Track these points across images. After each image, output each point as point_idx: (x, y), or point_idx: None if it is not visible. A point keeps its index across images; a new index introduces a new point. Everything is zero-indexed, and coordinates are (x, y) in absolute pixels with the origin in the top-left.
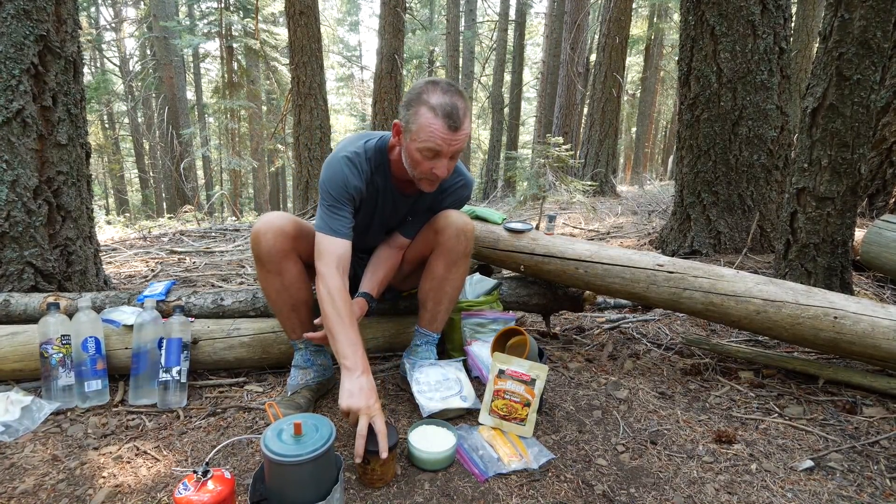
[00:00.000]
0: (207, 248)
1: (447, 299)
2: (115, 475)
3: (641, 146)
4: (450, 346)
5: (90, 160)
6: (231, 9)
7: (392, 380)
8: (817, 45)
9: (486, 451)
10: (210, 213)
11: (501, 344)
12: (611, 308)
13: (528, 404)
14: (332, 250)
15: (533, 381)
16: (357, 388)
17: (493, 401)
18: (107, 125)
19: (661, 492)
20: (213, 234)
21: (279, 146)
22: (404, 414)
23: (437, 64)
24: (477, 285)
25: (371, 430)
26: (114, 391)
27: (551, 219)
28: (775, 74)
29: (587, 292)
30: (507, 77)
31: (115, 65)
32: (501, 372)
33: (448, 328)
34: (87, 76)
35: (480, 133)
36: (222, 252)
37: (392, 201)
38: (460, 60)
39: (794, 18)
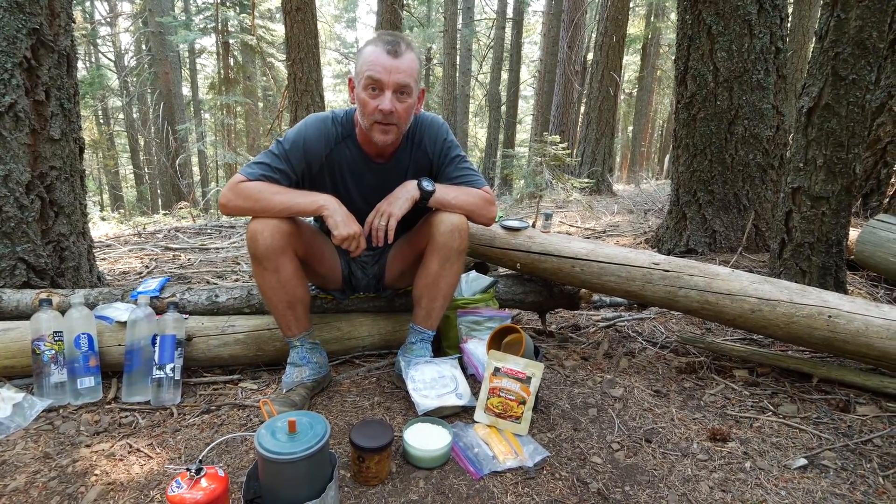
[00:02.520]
0: (202, 244)
1: (442, 296)
2: (107, 473)
3: (638, 145)
4: (445, 344)
5: (84, 155)
6: (227, 4)
7: (387, 377)
8: (813, 44)
9: (482, 448)
10: (205, 210)
11: (497, 342)
12: (606, 306)
13: (523, 402)
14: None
15: (528, 379)
16: (346, 216)
17: (488, 398)
18: (102, 121)
19: (656, 489)
20: (209, 230)
21: None
22: (399, 412)
23: (435, 61)
24: (473, 283)
25: (364, 427)
26: (107, 388)
27: (548, 217)
28: (771, 74)
29: (583, 290)
30: (505, 75)
31: (110, 60)
32: (497, 370)
33: (444, 325)
34: (82, 71)
35: (477, 131)
36: (217, 249)
37: (367, 170)
38: (458, 58)
39: (790, 18)
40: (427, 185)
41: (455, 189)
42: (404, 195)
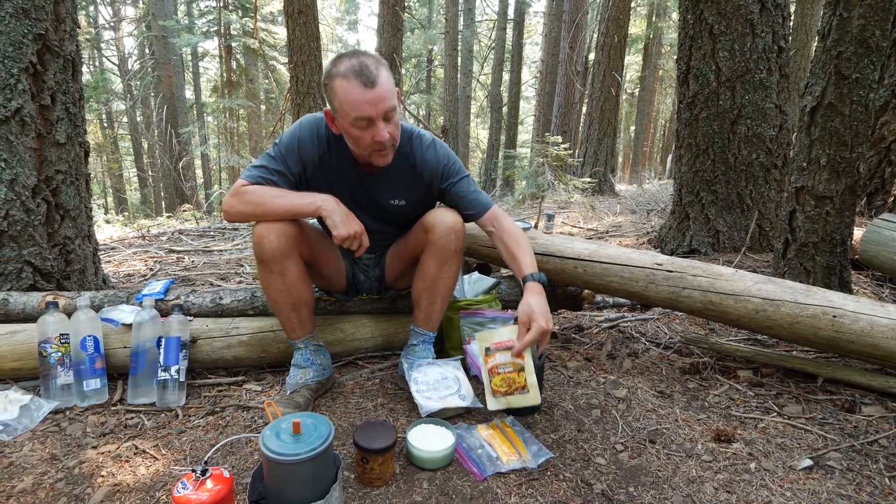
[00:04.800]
0: (206, 246)
1: (441, 298)
2: (113, 474)
3: (640, 145)
4: (448, 345)
5: (89, 159)
6: (230, 8)
7: (390, 379)
8: (816, 43)
9: (485, 449)
10: (209, 212)
11: None
12: (609, 307)
13: (522, 369)
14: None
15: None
16: (345, 215)
17: (491, 381)
18: (105, 124)
19: (660, 491)
20: (212, 232)
21: None
22: (403, 413)
23: (436, 63)
24: (476, 284)
25: (367, 428)
26: (112, 390)
27: (550, 217)
28: (774, 73)
29: (586, 291)
30: (506, 76)
31: (113, 64)
32: (488, 349)
33: (447, 327)
34: (86, 75)
35: (479, 132)
36: (221, 251)
37: (356, 177)
38: (459, 59)
39: (792, 17)
40: (541, 277)
41: (528, 250)
42: (545, 302)
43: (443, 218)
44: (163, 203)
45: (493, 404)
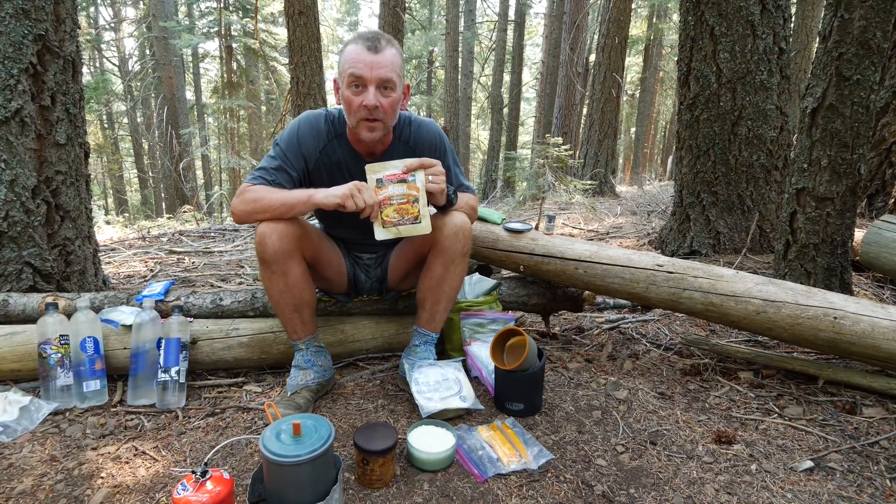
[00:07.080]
0: (206, 248)
1: (445, 299)
2: (113, 475)
3: (641, 146)
4: (449, 347)
5: (89, 160)
6: (230, 9)
7: (391, 380)
8: (817, 45)
9: (486, 451)
10: (209, 213)
11: (501, 344)
12: (610, 308)
13: (416, 200)
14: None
15: (413, 178)
16: (337, 188)
17: (382, 212)
18: (106, 125)
19: (661, 492)
20: (213, 234)
21: None
22: (403, 414)
23: (437, 64)
24: (476, 285)
25: (368, 430)
26: (112, 391)
27: (550, 219)
28: (775, 74)
29: (586, 292)
30: (507, 77)
31: (114, 65)
32: (379, 181)
33: (447, 328)
34: (87, 76)
35: (480, 133)
36: (221, 252)
37: (358, 170)
38: (460, 61)
39: (793, 19)
40: (452, 196)
41: (463, 199)
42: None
43: (451, 219)
44: (163, 204)
45: (381, 234)
